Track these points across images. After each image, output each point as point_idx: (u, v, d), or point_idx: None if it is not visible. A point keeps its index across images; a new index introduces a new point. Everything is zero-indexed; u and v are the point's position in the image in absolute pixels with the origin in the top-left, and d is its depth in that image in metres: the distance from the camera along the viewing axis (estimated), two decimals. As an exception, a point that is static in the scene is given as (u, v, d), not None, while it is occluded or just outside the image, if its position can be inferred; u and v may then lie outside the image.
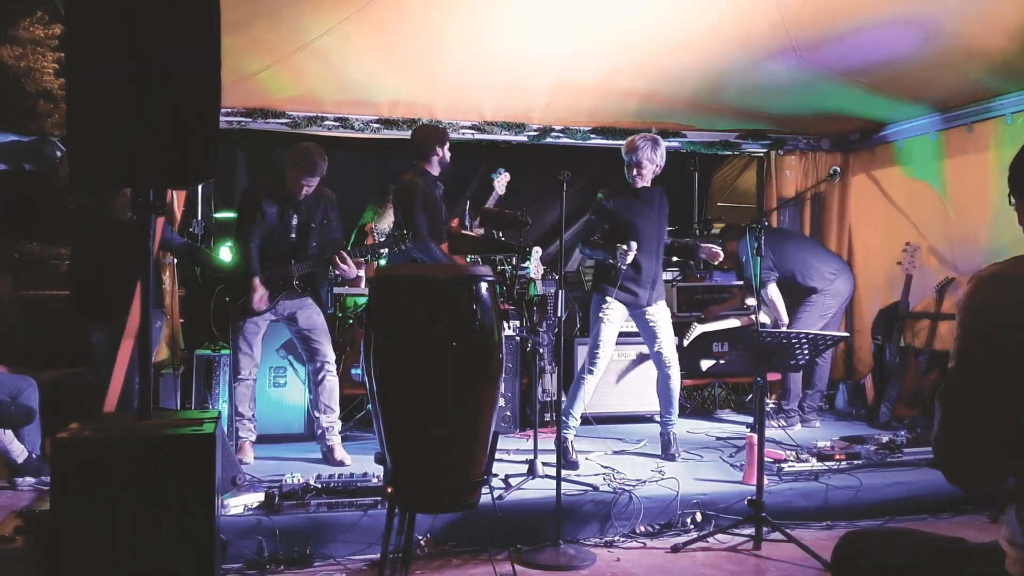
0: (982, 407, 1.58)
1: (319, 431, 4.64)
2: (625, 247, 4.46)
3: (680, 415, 5.93)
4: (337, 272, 4.65)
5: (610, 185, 4.89)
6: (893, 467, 4.50)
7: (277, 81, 5.15)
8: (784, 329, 5.38)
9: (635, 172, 4.63)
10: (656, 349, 4.76)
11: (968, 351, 1.61)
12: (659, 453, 4.86)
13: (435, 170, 4.82)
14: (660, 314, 4.74)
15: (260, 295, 4.52)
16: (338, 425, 4.67)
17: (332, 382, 4.63)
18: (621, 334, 4.86)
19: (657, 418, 5.79)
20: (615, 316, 4.69)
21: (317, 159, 4.50)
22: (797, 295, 5.67)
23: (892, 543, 1.93)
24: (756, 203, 7.40)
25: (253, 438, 4.63)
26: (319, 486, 3.71)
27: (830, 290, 5.68)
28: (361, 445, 4.98)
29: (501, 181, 5.42)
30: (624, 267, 4.50)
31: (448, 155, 4.85)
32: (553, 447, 3.89)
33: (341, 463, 4.51)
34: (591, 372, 4.70)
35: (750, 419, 5.92)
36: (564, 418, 4.72)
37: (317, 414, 4.64)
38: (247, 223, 4.60)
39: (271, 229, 4.57)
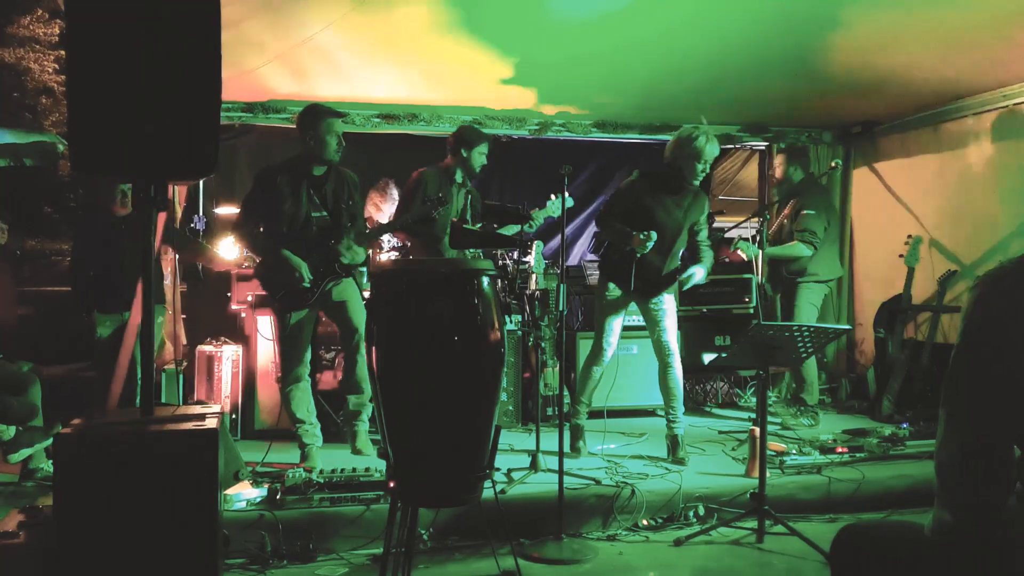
0: (993, 419, 1.56)
1: (346, 415, 4.50)
2: (643, 236, 4.29)
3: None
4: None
5: (613, 178, 4.87)
6: (896, 460, 4.50)
7: (278, 76, 5.14)
8: (784, 323, 5.37)
9: (691, 169, 4.42)
10: (656, 336, 4.61)
11: (976, 360, 1.59)
12: (661, 445, 4.80)
13: (455, 168, 4.99)
14: (665, 303, 4.61)
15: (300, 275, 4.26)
16: (369, 409, 4.47)
17: (364, 358, 4.37)
18: (623, 327, 4.83)
19: (659, 412, 5.79)
20: (618, 303, 4.61)
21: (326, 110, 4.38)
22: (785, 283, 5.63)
23: (890, 535, 1.92)
24: (758, 196, 7.40)
25: (319, 443, 4.44)
26: (321, 481, 3.72)
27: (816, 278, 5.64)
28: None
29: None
30: (638, 254, 4.38)
31: (475, 159, 4.99)
32: (555, 441, 3.89)
33: (360, 452, 4.42)
34: (598, 361, 4.66)
35: (752, 413, 5.92)
36: (576, 406, 4.75)
37: (349, 395, 4.45)
38: (258, 206, 4.37)
39: (295, 211, 4.31)
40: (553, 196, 5.08)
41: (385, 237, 5.37)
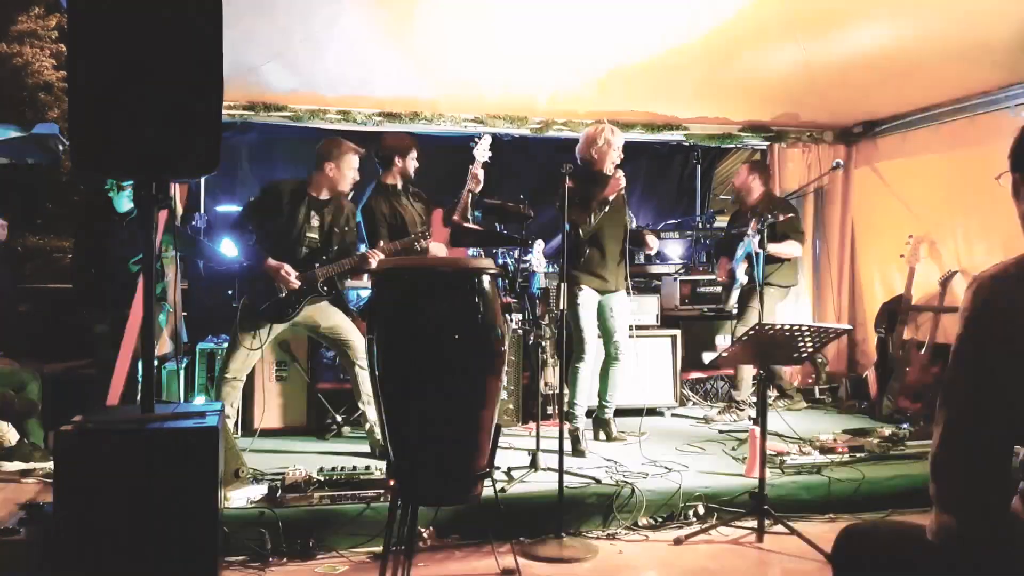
0: (989, 420, 1.55)
1: (368, 424, 4.63)
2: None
3: (682, 407, 6.01)
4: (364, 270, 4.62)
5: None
6: (896, 460, 4.50)
7: (279, 74, 5.14)
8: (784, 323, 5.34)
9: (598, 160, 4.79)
10: (614, 339, 4.88)
11: (975, 360, 1.58)
12: (661, 445, 4.85)
13: (394, 180, 4.92)
14: (621, 304, 4.88)
15: (287, 271, 4.38)
16: None
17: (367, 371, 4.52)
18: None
19: (660, 411, 5.81)
20: (588, 301, 4.78)
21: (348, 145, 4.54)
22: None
23: (892, 536, 1.92)
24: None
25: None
26: (322, 479, 3.72)
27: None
28: (363, 438, 4.98)
29: (481, 148, 5.07)
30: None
31: (411, 165, 4.92)
32: (555, 440, 3.88)
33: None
34: (583, 360, 4.79)
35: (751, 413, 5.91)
36: (571, 411, 4.76)
37: (363, 406, 4.61)
38: (255, 214, 4.55)
39: (289, 228, 4.48)
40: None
41: None
